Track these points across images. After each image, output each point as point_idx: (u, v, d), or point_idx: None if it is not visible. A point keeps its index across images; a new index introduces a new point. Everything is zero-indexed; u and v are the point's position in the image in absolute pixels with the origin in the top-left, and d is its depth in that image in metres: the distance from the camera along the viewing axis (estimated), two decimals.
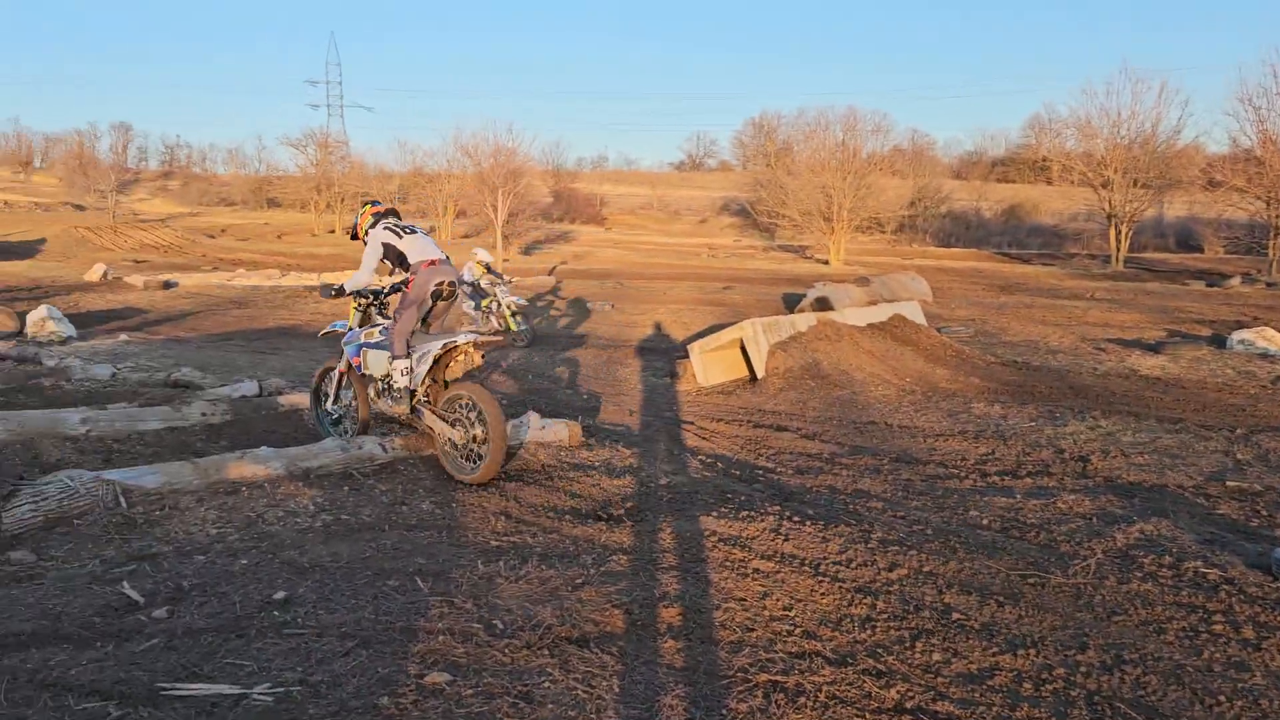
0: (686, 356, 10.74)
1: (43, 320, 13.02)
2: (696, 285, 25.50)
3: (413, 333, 5.99)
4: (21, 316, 13.53)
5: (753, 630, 3.56)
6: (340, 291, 6.28)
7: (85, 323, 14.66)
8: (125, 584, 3.75)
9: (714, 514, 5.07)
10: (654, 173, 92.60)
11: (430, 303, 6.06)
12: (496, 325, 13.95)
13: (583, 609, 3.68)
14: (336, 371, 6.49)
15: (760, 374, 9.96)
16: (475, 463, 5.53)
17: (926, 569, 4.28)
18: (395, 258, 6.12)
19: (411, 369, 5.89)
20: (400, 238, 6.12)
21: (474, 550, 4.37)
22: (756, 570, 4.22)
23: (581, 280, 26.50)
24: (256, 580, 3.86)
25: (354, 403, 6.33)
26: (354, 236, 6.45)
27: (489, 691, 2.96)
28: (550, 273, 29.15)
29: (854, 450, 7.06)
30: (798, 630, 3.57)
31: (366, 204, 6.53)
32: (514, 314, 14.00)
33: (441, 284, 6.01)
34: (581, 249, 47.41)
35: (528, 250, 44.61)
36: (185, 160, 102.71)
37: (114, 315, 16.40)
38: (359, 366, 6.20)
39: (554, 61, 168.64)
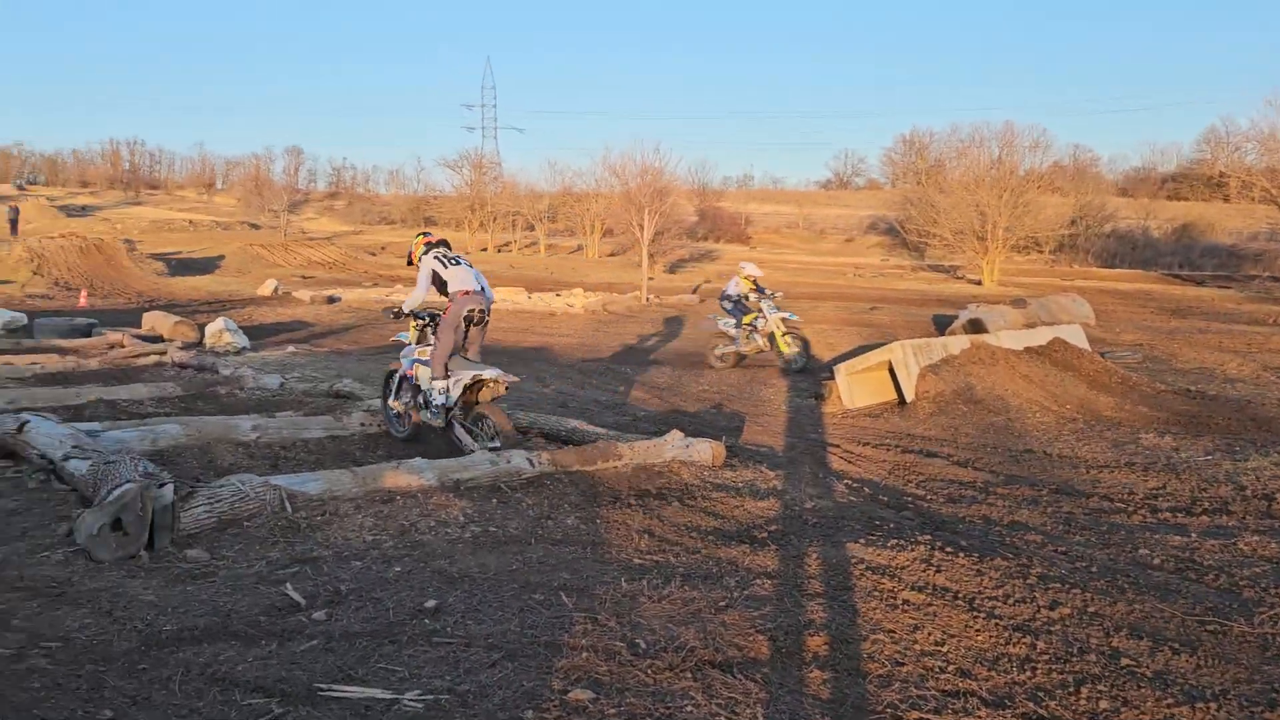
0: (832, 377, 10.53)
1: (220, 332, 13.93)
2: (842, 305, 25.04)
3: (451, 355, 6.80)
4: (201, 328, 14.52)
5: (902, 665, 3.42)
6: (399, 313, 7.26)
7: (257, 335, 15.60)
8: (288, 585, 3.93)
9: (861, 541, 4.93)
10: (800, 191, 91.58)
11: (464, 327, 6.84)
12: (761, 345, 12.84)
13: (726, 633, 3.62)
14: (399, 375, 7.29)
15: (909, 397, 9.67)
16: None
17: (1091, 609, 4.03)
18: (438, 284, 6.93)
19: (448, 390, 6.74)
20: (445, 267, 6.92)
21: (617, 567, 4.38)
22: (906, 602, 4.07)
23: None
24: (409, 588, 3.98)
25: (410, 403, 7.14)
26: (409, 263, 7.25)
27: (631, 712, 2.94)
28: (694, 291, 29.21)
29: (1010, 480, 6.76)
30: (950, 667, 3.41)
31: (420, 234, 7.38)
32: (785, 334, 12.67)
33: (473, 311, 6.80)
34: (726, 268, 47.35)
35: (672, 269, 44.86)
36: (350, 181, 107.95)
37: (283, 328, 17.39)
38: (412, 377, 7.09)
39: (701, 81, 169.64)
